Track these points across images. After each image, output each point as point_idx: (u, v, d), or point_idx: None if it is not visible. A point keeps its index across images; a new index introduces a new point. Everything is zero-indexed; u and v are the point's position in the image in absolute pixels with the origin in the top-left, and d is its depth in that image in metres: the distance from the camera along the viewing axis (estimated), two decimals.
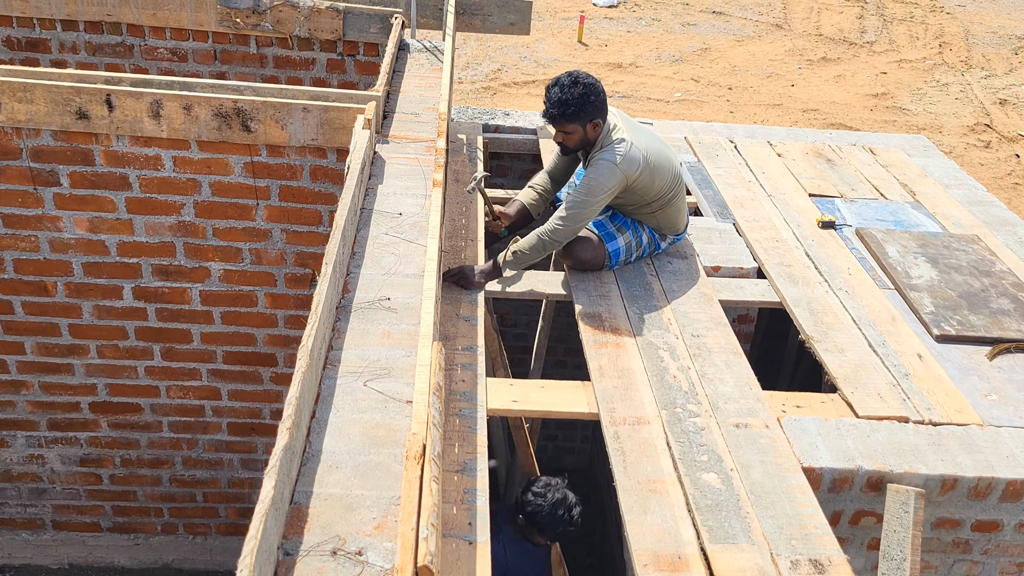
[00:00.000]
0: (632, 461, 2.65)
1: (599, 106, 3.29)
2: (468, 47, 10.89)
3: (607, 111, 3.36)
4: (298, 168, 3.59)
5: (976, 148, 9.50)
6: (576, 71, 3.33)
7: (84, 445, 4.22)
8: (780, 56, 11.66)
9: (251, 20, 4.50)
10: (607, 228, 3.55)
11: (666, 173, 3.45)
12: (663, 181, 3.44)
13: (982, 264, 3.76)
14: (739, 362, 3.11)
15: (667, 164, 3.47)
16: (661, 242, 3.66)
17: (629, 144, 3.32)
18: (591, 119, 3.30)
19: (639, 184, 3.38)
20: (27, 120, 3.37)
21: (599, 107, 3.29)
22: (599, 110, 3.29)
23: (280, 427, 1.94)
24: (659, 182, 3.43)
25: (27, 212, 3.61)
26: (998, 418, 2.89)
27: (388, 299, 2.67)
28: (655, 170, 3.40)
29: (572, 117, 3.26)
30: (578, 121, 3.29)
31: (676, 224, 3.62)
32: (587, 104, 3.24)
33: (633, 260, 3.63)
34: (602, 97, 3.30)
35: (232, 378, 4.09)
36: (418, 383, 2.15)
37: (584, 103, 3.24)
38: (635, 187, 3.39)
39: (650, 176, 3.39)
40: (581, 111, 3.25)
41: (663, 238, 3.65)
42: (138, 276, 3.79)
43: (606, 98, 3.33)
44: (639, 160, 3.33)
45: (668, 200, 3.51)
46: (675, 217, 3.59)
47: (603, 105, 3.31)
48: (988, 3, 15.09)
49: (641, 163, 3.33)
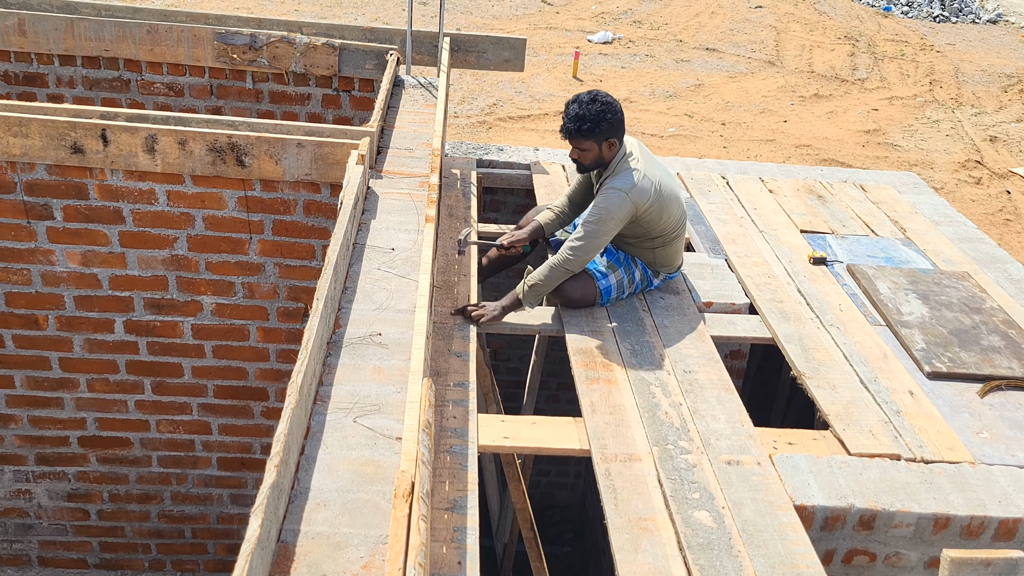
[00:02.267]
0: (623, 498, 2.63)
1: (615, 125, 3.31)
2: (464, 82, 10.99)
3: (623, 133, 3.38)
4: (292, 203, 3.60)
5: (967, 184, 9.57)
6: (596, 90, 3.36)
7: (72, 480, 4.18)
8: (773, 92, 11.78)
9: (247, 56, 4.54)
10: (597, 265, 3.56)
11: (675, 210, 3.46)
12: (670, 218, 3.45)
13: (972, 301, 3.77)
14: (731, 398, 3.11)
15: (676, 202, 3.48)
16: (654, 279, 3.66)
17: (642, 174, 3.34)
18: (607, 138, 3.32)
19: (648, 216, 3.38)
20: (22, 154, 3.39)
21: (615, 127, 3.31)
22: (615, 130, 3.32)
23: (268, 464, 1.93)
24: (667, 218, 3.44)
25: (20, 245, 3.61)
26: (990, 456, 2.89)
27: (379, 335, 2.67)
28: (665, 205, 3.41)
29: (587, 133, 3.29)
30: (593, 138, 3.30)
31: (672, 263, 3.63)
32: (603, 122, 3.27)
33: (624, 297, 3.63)
34: (619, 117, 3.32)
35: (223, 412, 4.06)
36: (407, 420, 2.14)
37: (600, 120, 3.27)
38: (643, 219, 3.39)
39: (659, 210, 3.39)
40: (596, 128, 3.27)
41: (656, 275, 3.65)
42: (130, 310, 3.79)
43: (623, 120, 3.36)
44: (650, 191, 3.34)
45: (671, 238, 3.52)
46: (673, 256, 3.60)
47: (619, 125, 3.33)
48: (977, 42, 15.30)
49: (652, 195, 3.34)
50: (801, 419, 4.20)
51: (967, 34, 15.82)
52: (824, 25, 15.14)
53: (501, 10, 14.26)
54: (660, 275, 3.66)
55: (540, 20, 13.91)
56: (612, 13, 14.74)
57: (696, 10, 15.39)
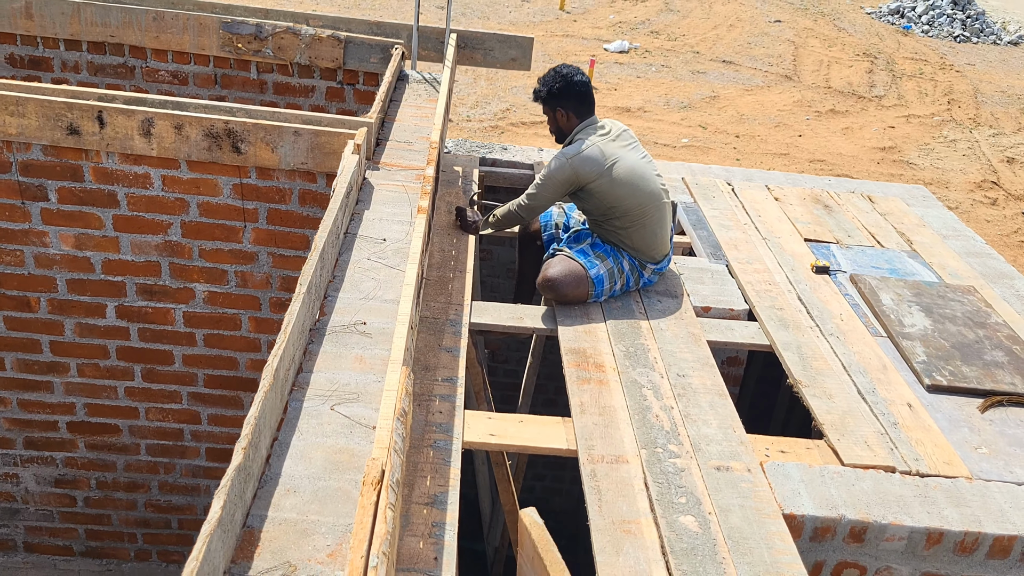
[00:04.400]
0: (608, 500, 2.57)
1: (566, 95, 3.52)
2: (478, 86, 10.97)
3: (580, 106, 3.55)
4: (287, 191, 3.56)
5: (983, 205, 9.46)
6: (566, 65, 3.62)
7: (60, 465, 4.15)
8: (788, 106, 11.71)
9: (253, 46, 4.52)
10: (588, 255, 3.52)
11: (634, 189, 3.48)
12: (629, 196, 3.48)
13: (977, 315, 3.69)
14: (724, 404, 3.04)
15: (639, 182, 3.50)
16: (643, 271, 3.60)
17: (591, 145, 3.48)
18: (558, 105, 3.54)
19: (596, 188, 3.47)
20: (18, 134, 3.37)
21: (565, 97, 3.52)
22: (566, 100, 3.53)
23: (236, 446, 1.88)
24: (622, 193, 3.47)
25: (14, 226, 3.59)
26: (987, 472, 2.81)
27: (364, 323, 2.62)
28: (618, 180, 3.47)
29: (539, 99, 3.59)
30: (545, 104, 3.58)
31: (653, 249, 3.58)
32: (553, 90, 3.52)
33: (618, 290, 3.57)
34: (574, 90, 3.52)
35: (213, 402, 4.02)
36: (383, 408, 2.09)
37: (550, 88, 3.53)
38: (593, 189, 3.48)
39: (609, 184, 3.46)
40: (549, 96, 3.54)
41: (643, 266, 3.61)
42: (122, 295, 3.75)
43: (583, 94, 3.54)
44: (596, 162, 3.45)
45: (637, 218, 3.51)
46: (651, 240, 3.56)
47: (572, 97, 3.53)
48: (998, 63, 15.18)
49: (598, 167, 3.45)
50: (803, 429, 4.12)
51: (987, 55, 15.70)
52: (843, 41, 15.07)
53: (519, 16, 14.27)
54: (647, 267, 3.62)
55: (557, 27, 13.90)
56: (630, 23, 14.72)
57: (714, 22, 15.35)
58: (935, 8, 17.18)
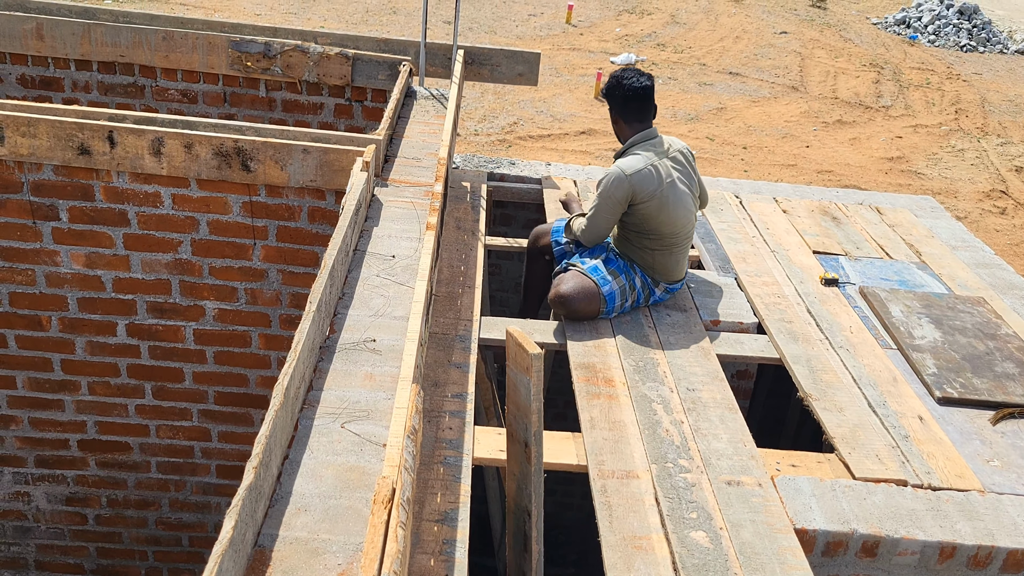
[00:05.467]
0: (618, 516, 2.56)
1: (613, 99, 3.53)
2: (486, 100, 11.01)
3: (625, 112, 3.53)
4: (296, 209, 3.58)
5: (992, 214, 9.43)
6: (632, 69, 3.56)
7: (71, 483, 4.16)
8: (796, 118, 11.70)
9: (261, 64, 4.55)
10: (600, 272, 3.52)
11: (678, 217, 3.50)
12: (671, 221, 3.49)
13: (987, 327, 3.68)
14: (734, 418, 3.03)
15: (682, 210, 3.52)
16: (655, 288, 3.61)
17: (649, 165, 3.44)
18: (613, 109, 3.56)
19: (645, 209, 3.45)
20: (29, 154, 3.40)
21: (613, 99, 3.54)
22: (613, 102, 3.54)
23: (247, 466, 1.89)
24: (666, 219, 3.48)
25: (25, 246, 3.61)
26: (1000, 485, 2.79)
27: (374, 341, 2.63)
28: (666, 205, 3.46)
29: (605, 97, 3.58)
30: (608, 104, 3.58)
31: (671, 273, 3.60)
32: (611, 93, 3.53)
33: (628, 307, 3.58)
34: (619, 93, 3.50)
35: (223, 419, 4.03)
36: (393, 426, 2.09)
37: (609, 91, 3.54)
38: (639, 209, 3.46)
39: (659, 207, 3.45)
40: (608, 97, 3.56)
41: (656, 284, 3.61)
42: (133, 313, 3.77)
43: (631, 101, 3.51)
44: (652, 184, 3.42)
45: (670, 244, 3.53)
46: (672, 266, 3.57)
47: (618, 101, 3.52)
48: (1005, 72, 15.16)
49: (652, 188, 3.42)
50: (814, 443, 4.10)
51: (994, 64, 15.68)
52: (849, 52, 15.07)
53: (525, 30, 14.32)
54: (660, 285, 3.61)
55: (564, 41, 13.95)
56: (636, 35, 14.76)
57: (720, 35, 15.38)
58: (941, 18, 17.17)
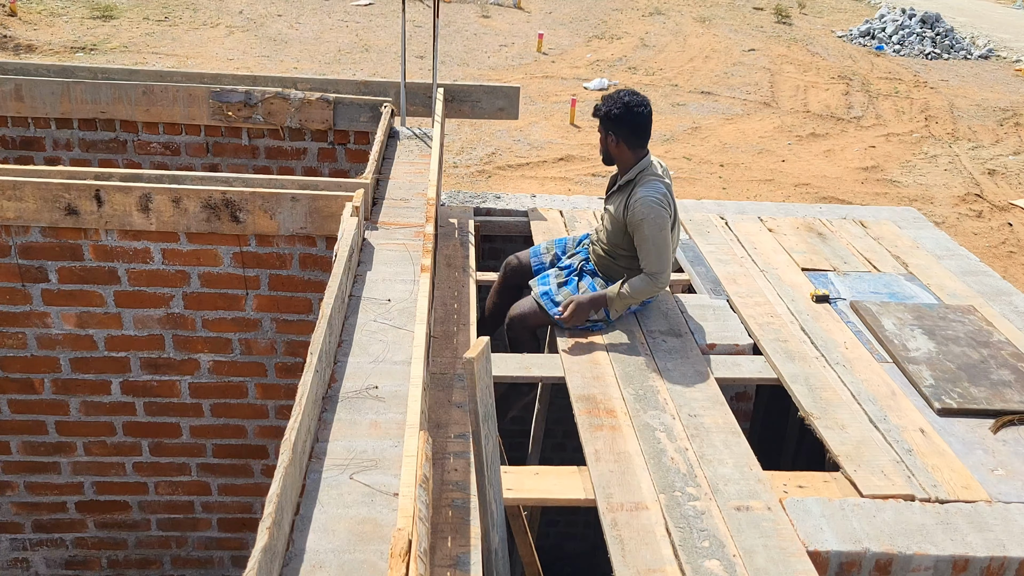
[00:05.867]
0: (631, 549, 2.55)
1: (622, 124, 3.51)
2: (462, 131, 11.07)
3: (632, 137, 3.55)
4: (287, 257, 3.58)
5: (968, 218, 9.55)
6: (633, 92, 3.56)
7: (70, 546, 4.10)
8: (770, 133, 11.84)
9: (243, 113, 4.56)
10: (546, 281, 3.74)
11: (674, 241, 3.68)
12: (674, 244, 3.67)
13: (979, 335, 3.71)
14: (738, 442, 3.04)
15: (675, 236, 3.69)
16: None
17: (666, 191, 3.57)
18: (611, 130, 3.54)
19: None
20: (16, 217, 3.38)
21: (621, 125, 3.51)
22: (619, 128, 3.52)
23: (260, 526, 1.87)
24: (673, 242, 3.64)
25: (15, 309, 3.58)
26: (1006, 494, 2.81)
27: (376, 387, 2.62)
28: (676, 230, 3.68)
29: (598, 117, 3.57)
30: (602, 125, 3.57)
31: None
32: (611, 114, 3.51)
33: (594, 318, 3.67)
34: (629, 119, 3.50)
35: (222, 472, 4.00)
36: (404, 475, 2.08)
37: (608, 112, 3.51)
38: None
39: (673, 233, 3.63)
40: (606, 118, 3.53)
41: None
42: (126, 370, 3.74)
43: (639, 127, 3.53)
44: (672, 207, 3.60)
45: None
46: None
47: (626, 127, 3.52)
48: (970, 77, 15.43)
49: (673, 212, 3.60)
50: (813, 460, 4.11)
51: (960, 70, 15.95)
52: (817, 66, 15.29)
53: (498, 61, 14.44)
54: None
55: (536, 69, 14.07)
56: (607, 60, 14.92)
57: (690, 55, 15.56)
58: (904, 28, 17.48)
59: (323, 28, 15.74)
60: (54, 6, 15.66)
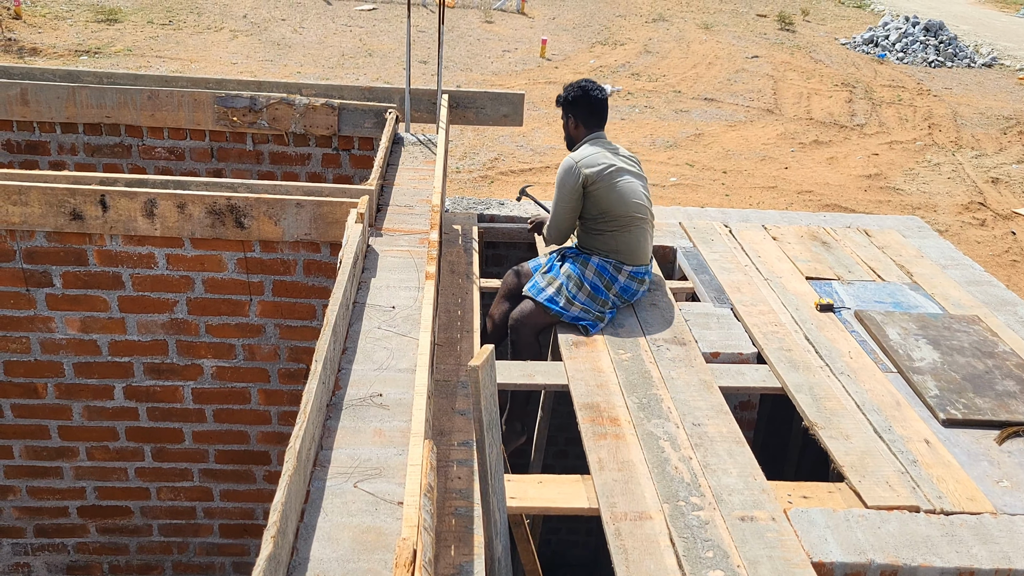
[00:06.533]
0: (634, 560, 2.55)
1: (577, 106, 3.91)
2: (465, 137, 11.08)
3: (589, 117, 3.92)
4: (291, 263, 3.58)
5: (972, 226, 9.55)
6: (590, 80, 3.98)
7: (72, 552, 4.09)
8: (772, 140, 11.84)
9: (248, 118, 4.56)
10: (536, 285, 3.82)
11: (626, 198, 3.80)
12: (620, 203, 3.78)
13: (984, 345, 3.71)
14: (742, 451, 3.03)
15: (630, 195, 3.82)
16: (618, 276, 3.74)
17: (596, 152, 3.83)
18: (570, 112, 3.94)
19: (596, 192, 3.77)
20: (21, 222, 3.38)
21: (576, 107, 3.91)
22: (577, 109, 3.91)
23: (265, 534, 1.86)
24: (617, 198, 3.78)
25: (19, 313, 3.58)
26: (1012, 506, 2.80)
27: (380, 395, 2.62)
28: (615, 187, 3.79)
29: (559, 104, 3.99)
30: (563, 110, 3.97)
31: (634, 253, 3.81)
32: (569, 98, 3.92)
33: (583, 299, 3.69)
34: (585, 101, 3.90)
35: (224, 478, 3.99)
36: (408, 484, 2.08)
37: (567, 96, 3.93)
38: (591, 192, 3.77)
39: (607, 189, 3.77)
40: (565, 102, 3.95)
41: (618, 270, 3.76)
42: (130, 375, 3.74)
43: (594, 108, 3.92)
44: (599, 166, 3.78)
45: (626, 224, 3.80)
46: (634, 246, 3.82)
47: (582, 109, 3.91)
48: (974, 85, 15.43)
49: (599, 169, 3.77)
50: (816, 470, 4.10)
51: (963, 78, 15.96)
52: (820, 73, 15.30)
53: (501, 66, 14.46)
54: (623, 271, 3.78)
55: (539, 75, 14.09)
56: (610, 66, 14.94)
57: (693, 62, 15.58)
58: (908, 36, 17.49)
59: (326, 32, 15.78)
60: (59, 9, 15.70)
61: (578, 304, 3.70)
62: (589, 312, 3.71)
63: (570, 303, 3.71)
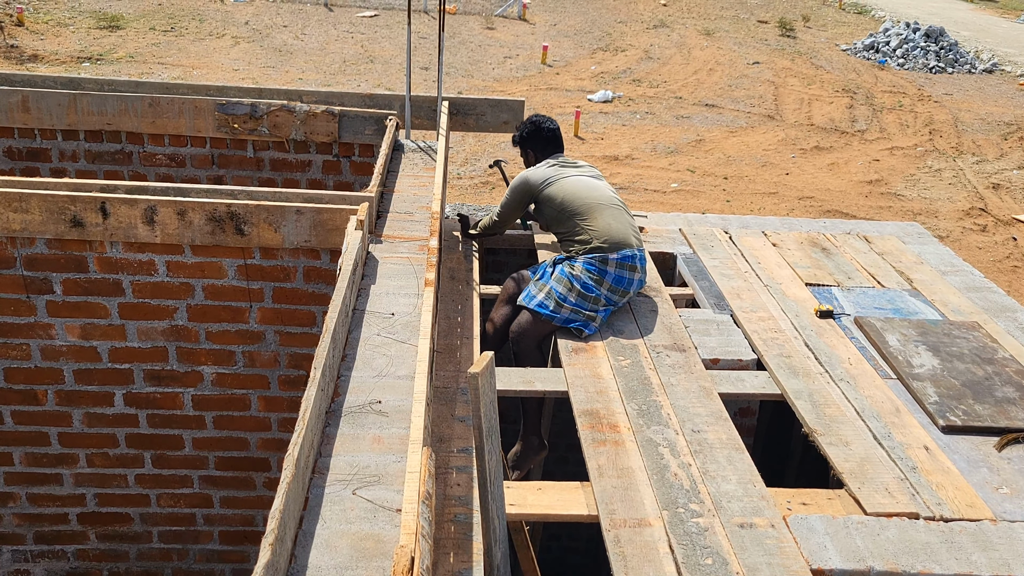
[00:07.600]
0: (634, 567, 2.54)
1: (534, 140, 4.26)
2: (467, 143, 11.09)
3: (547, 147, 4.25)
4: (291, 270, 3.58)
5: (973, 232, 9.54)
6: (539, 114, 4.35)
7: (72, 558, 4.09)
8: (773, 145, 11.85)
9: (248, 125, 4.58)
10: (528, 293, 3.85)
11: (579, 189, 3.98)
12: (574, 195, 3.95)
13: (984, 352, 3.70)
14: (741, 458, 3.03)
15: (582, 188, 4.00)
16: (606, 268, 3.74)
17: (550, 165, 4.13)
18: (528, 147, 4.30)
19: (550, 192, 4.00)
20: (22, 229, 3.39)
21: (533, 142, 4.27)
22: (533, 143, 4.27)
23: (263, 542, 1.87)
24: (570, 191, 3.96)
25: (19, 320, 3.59)
26: (1011, 512, 2.80)
27: (379, 402, 2.62)
28: (564, 184, 4.00)
29: (515, 143, 4.37)
30: (520, 147, 4.35)
31: (611, 235, 3.83)
32: (524, 135, 4.29)
33: (573, 300, 3.70)
34: (537, 135, 4.26)
35: (224, 484, 3.99)
36: (407, 491, 2.08)
37: (522, 134, 4.30)
38: (544, 195, 4.02)
39: (560, 185, 4.00)
40: (520, 139, 4.32)
41: (605, 262, 3.76)
42: (130, 382, 3.75)
43: (548, 139, 4.26)
44: (544, 174, 4.07)
45: (592, 208, 3.90)
46: (607, 229, 3.85)
47: (539, 141, 4.26)
48: (974, 91, 15.44)
49: (544, 176, 4.05)
50: (817, 476, 4.10)
51: (964, 84, 15.97)
52: (821, 79, 15.31)
53: (502, 72, 14.48)
54: (611, 262, 3.77)
55: (540, 81, 14.10)
56: (611, 72, 14.95)
57: (694, 68, 15.60)
58: (909, 41, 17.51)
59: (328, 39, 15.81)
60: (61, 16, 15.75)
61: (568, 306, 3.70)
62: (580, 312, 3.70)
63: (559, 305, 3.70)
